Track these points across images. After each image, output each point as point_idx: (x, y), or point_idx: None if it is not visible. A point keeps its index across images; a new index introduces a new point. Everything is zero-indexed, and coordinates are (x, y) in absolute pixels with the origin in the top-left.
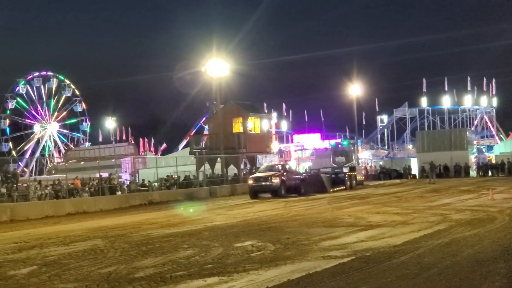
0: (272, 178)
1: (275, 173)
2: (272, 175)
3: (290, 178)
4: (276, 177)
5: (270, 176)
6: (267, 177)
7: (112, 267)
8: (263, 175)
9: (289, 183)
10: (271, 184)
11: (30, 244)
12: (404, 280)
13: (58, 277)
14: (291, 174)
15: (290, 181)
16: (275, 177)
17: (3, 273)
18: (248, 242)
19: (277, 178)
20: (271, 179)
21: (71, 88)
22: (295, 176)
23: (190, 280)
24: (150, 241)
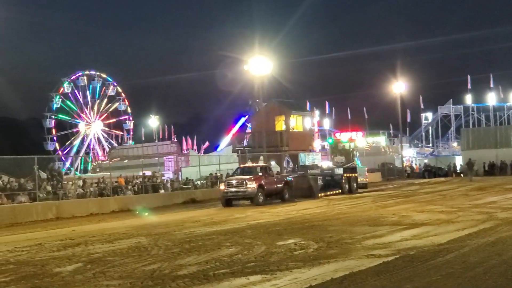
0: (248, 183)
1: (251, 176)
2: (247, 179)
3: (271, 182)
4: (252, 182)
5: (245, 181)
6: (241, 181)
7: (156, 265)
8: (236, 179)
9: (270, 188)
10: (246, 190)
11: (75, 242)
12: (449, 279)
13: (102, 274)
14: (272, 178)
15: (270, 186)
16: (251, 182)
17: (49, 270)
18: (291, 240)
19: (254, 183)
20: (246, 184)
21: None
22: (278, 179)
23: (233, 278)
24: (193, 239)
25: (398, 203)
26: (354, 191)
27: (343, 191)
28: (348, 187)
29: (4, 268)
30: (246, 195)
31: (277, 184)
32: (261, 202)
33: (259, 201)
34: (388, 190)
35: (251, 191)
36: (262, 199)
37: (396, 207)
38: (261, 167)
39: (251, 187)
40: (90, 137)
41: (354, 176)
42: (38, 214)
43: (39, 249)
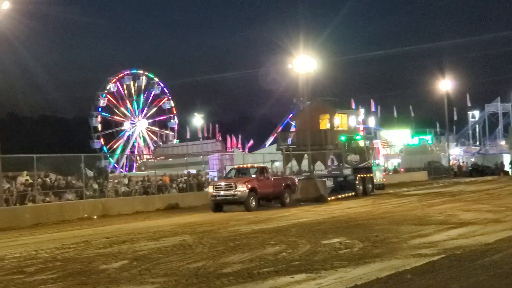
0: (238, 186)
1: (242, 179)
2: (237, 181)
3: (267, 185)
4: (243, 184)
5: (235, 183)
6: (231, 184)
7: (201, 263)
8: (225, 181)
9: (264, 192)
10: (236, 193)
11: (121, 239)
12: (497, 279)
13: (148, 272)
14: (268, 180)
15: (266, 189)
16: (242, 184)
17: (95, 267)
18: (336, 239)
19: (244, 186)
20: (235, 187)
21: (160, 86)
22: (276, 182)
23: (278, 277)
24: (238, 237)
25: (445, 202)
26: (369, 192)
27: (356, 193)
28: (363, 188)
29: (52, 265)
30: (236, 199)
31: (275, 187)
32: (253, 207)
33: (250, 206)
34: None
35: (241, 194)
36: (254, 204)
37: (442, 206)
38: (257, 168)
39: (241, 191)
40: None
41: (369, 176)
42: (84, 212)
43: (85, 246)
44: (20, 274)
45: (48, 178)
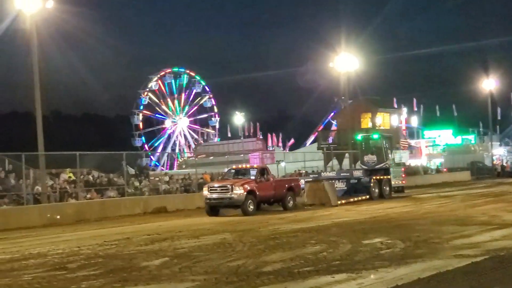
0: (234, 188)
1: (239, 180)
2: (234, 183)
3: (267, 187)
4: (240, 187)
5: (231, 185)
6: (227, 186)
7: (241, 261)
8: (221, 183)
9: (264, 194)
10: (232, 196)
11: (162, 237)
12: None
13: (188, 269)
14: (269, 182)
15: (266, 192)
16: (239, 187)
17: (136, 264)
18: (377, 239)
19: (241, 188)
20: (232, 189)
21: (201, 84)
22: (278, 184)
23: (318, 276)
24: (278, 236)
25: (488, 202)
26: (387, 196)
27: (371, 196)
28: (379, 191)
29: (94, 261)
30: (232, 202)
31: (276, 189)
32: (251, 211)
33: (248, 209)
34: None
35: (238, 198)
36: (252, 208)
37: (485, 207)
38: (258, 168)
39: (237, 193)
40: (176, 134)
41: (387, 178)
42: (126, 209)
43: (127, 243)
44: (62, 270)
45: (91, 175)
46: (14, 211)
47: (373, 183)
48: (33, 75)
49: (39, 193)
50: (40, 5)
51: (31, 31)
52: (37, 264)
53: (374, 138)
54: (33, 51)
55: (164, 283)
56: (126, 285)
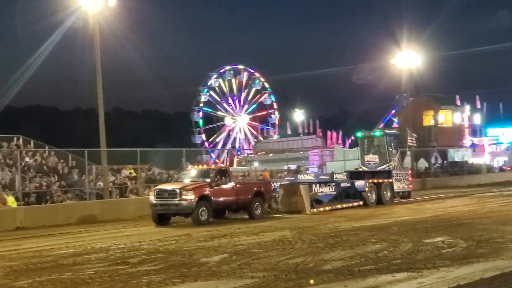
0: (183, 193)
1: (190, 184)
2: (183, 187)
3: (226, 192)
4: (190, 192)
5: (180, 190)
6: (175, 191)
7: (300, 258)
8: (169, 187)
9: (224, 201)
10: (180, 202)
11: (221, 233)
12: None
13: (247, 266)
14: (229, 186)
15: (225, 197)
16: (188, 192)
17: (196, 260)
18: (439, 238)
19: (191, 193)
20: (181, 195)
21: (261, 81)
22: (241, 188)
23: (378, 275)
24: (338, 234)
25: None
26: (387, 202)
27: (366, 202)
28: (377, 197)
29: (154, 257)
30: (180, 209)
31: (239, 195)
32: (203, 220)
33: (199, 218)
34: None
35: (187, 204)
36: (205, 217)
37: None
38: (216, 170)
39: (187, 199)
40: (236, 131)
41: (388, 182)
42: None
43: (187, 239)
44: (124, 265)
45: (151, 171)
46: (77, 206)
47: (368, 188)
48: (96, 72)
49: (101, 189)
50: (103, 3)
51: (94, 29)
52: (99, 258)
53: (376, 135)
54: (96, 49)
55: (223, 279)
56: (186, 281)
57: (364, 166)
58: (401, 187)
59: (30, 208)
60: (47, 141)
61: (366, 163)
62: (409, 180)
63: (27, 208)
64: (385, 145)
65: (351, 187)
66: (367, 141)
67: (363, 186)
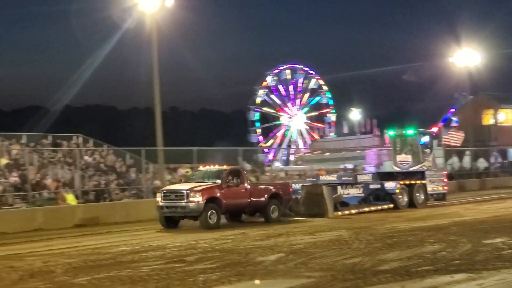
0: (191, 195)
1: (198, 185)
2: (191, 188)
3: (238, 194)
4: (198, 193)
5: (187, 191)
6: (182, 192)
7: (357, 259)
8: (176, 188)
9: (236, 203)
10: (187, 205)
11: (278, 232)
12: None
13: (304, 265)
14: (241, 188)
15: (237, 200)
16: (195, 193)
17: (252, 259)
18: (499, 239)
19: (199, 195)
20: (188, 196)
21: (317, 80)
22: (255, 190)
23: (437, 276)
24: (395, 234)
25: None
26: (420, 204)
27: (397, 205)
28: (409, 199)
29: (211, 255)
30: (187, 212)
31: (253, 196)
32: (212, 223)
33: (208, 222)
34: None
35: (195, 207)
36: (214, 220)
37: None
38: (227, 170)
39: (194, 201)
40: (292, 130)
41: (420, 184)
42: None
43: (243, 238)
44: (180, 263)
45: None
46: (135, 204)
47: (399, 190)
48: (153, 72)
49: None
50: (160, 3)
51: (151, 29)
52: (156, 256)
53: (409, 134)
54: (153, 48)
55: (280, 279)
56: (242, 279)
57: (396, 166)
58: (435, 189)
59: (89, 205)
60: (105, 140)
61: (398, 164)
62: (444, 182)
63: (86, 206)
64: (418, 144)
65: (381, 188)
66: (399, 140)
67: (394, 188)
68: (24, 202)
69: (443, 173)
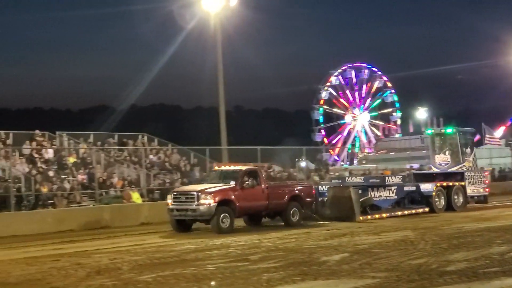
0: (201, 197)
1: (210, 187)
2: (202, 190)
3: (254, 196)
4: (209, 195)
5: (198, 193)
6: (193, 194)
7: (423, 259)
8: (187, 190)
9: (251, 206)
10: (198, 208)
11: (342, 232)
12: None
13: (368, 266)
14: (258, 189)
15: (253, 202)
16: (207, 195)
17: (316, 259)
18: None
19: (210, 197)
20: (198, 199)
21: (383, 79)
22: (274, 191)
23: (504, 277)
24: (462, 235)
25: None
26: (459, 207)
27: (433, 208)
28: (446, 202)
29: (274, 254)
30: (198, 215)
31: (271, 199)
32: (225, 227)
33: (220, 225)
34: None
35: (206, 210)
36: (227, 224)
37: None
38: (241, 171)
39: (205, 204)
40: (356, 129)
41: (459, 185)
42: None
43: (306, 237)
44: (244, 262)
45: (271, 169)
46: None
47: (436, 192)
48: (217, 71)
49: None
50: (224, 3)
51: (215, 29)
52: (220, 254)
53: (448, 132)
54: (217, 48)
55: (344, 279)
56: (305, 279)
57: (435, 167)
58: (475, 191)
59: (154, 204)
60: (170, 139)
61: (437, 164)
62: (485, 183)
63: (151, 204)
64: (458, 144)
65: (416, 191)
66: (438, 139)
67: (430, 190)
68: (91, 200)
69: (484, 174)
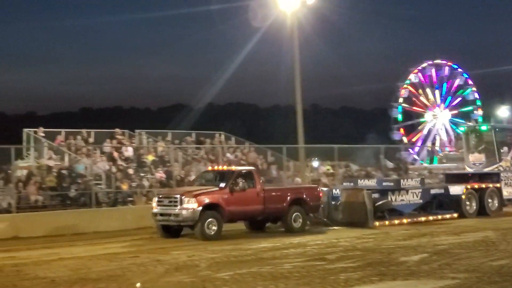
0: (184, 200)
1: (194, 189)
2: (185, 193)
3: (248, 200)
4: (192, 199)
5: (181, 197)
6: (175, 197)
7: (504, 260)
8: (170, 193)
9: (244, 210)
10: (181, 212)
11: (421, 232)
12: None
13: (448, 266)
14: (252, 192)
15: (246, 205)
16: (190, 199)
17: (395, 259)
18: None
19: (194, 201)
20: (181, 202)
21: (464, 76)
22: (270, 194)
23: None
24: None
25: None
26: (492, 212)
27: (462, 213)
28: (478, 206)
29: (352, 254)
30: (181, 220)
31: (268, 202)
32: (211, 233)
33: (205, 232)
34: None
35: (189, 214)
36: (214, 230)
37: None
38: (234, 172)
39: (189, 208)
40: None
41: (494, 187)
42: None
43: (385, 237)
44: (321, 261)
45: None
46: None
47: (466, 194)
48: (294, 70)
49: None
50: (300, 2)
51: (292, 28)
52: (297, 253)
53: (482, 130)
54: (294, 46)
55: (423, 279)
56: (384, 279)
57: (469, 167)
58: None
59: None
60: (247, 137)
61: (471, 164)
62: None
63: None
64: (493, 142)
65: (445, 194)
66: (472, 137)
67: (459, 193)
68: None
69: None
